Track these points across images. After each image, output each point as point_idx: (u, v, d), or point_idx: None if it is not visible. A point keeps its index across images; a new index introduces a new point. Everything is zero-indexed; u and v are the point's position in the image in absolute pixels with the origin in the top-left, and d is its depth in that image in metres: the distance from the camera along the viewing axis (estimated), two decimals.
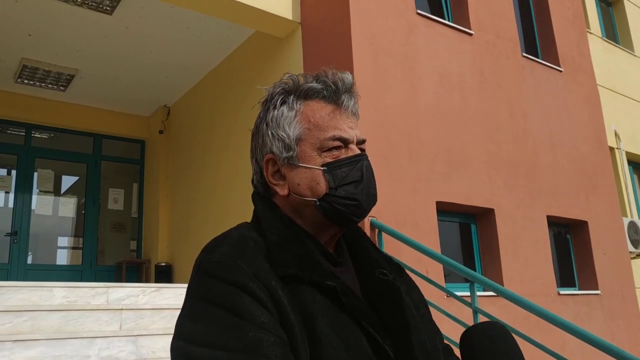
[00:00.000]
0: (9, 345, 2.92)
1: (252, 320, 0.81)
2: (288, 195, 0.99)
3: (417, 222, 4.88)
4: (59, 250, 8.14)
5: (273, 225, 0.96)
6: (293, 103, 1.00)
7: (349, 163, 0.97)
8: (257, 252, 0.90)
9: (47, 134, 7.91)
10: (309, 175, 0.97)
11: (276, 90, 1.02)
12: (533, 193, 6.03)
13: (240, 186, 5.96)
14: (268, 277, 0.86)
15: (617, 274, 6.69)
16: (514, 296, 3.31)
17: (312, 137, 0.98)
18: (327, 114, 0.99)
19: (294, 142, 0.98)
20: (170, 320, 3.72)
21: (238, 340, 0.79)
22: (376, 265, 1.03)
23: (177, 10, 5.63)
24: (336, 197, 0.96)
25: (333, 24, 5.15)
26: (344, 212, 0.96)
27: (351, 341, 0.87)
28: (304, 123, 0.98)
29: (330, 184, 0.96)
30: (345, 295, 0.90)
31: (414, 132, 5.14)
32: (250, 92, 6.06)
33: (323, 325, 0.86)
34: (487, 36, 6.20)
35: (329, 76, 1.01)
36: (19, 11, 5.63)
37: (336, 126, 0.98)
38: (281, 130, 0.99)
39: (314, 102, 1.00)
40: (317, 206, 0.97)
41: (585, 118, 7.17)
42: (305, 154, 0.98)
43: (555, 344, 3.67)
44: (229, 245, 0.90)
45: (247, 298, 0.83)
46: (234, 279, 0.84)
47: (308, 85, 1.00)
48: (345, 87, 1.00)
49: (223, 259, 0.87)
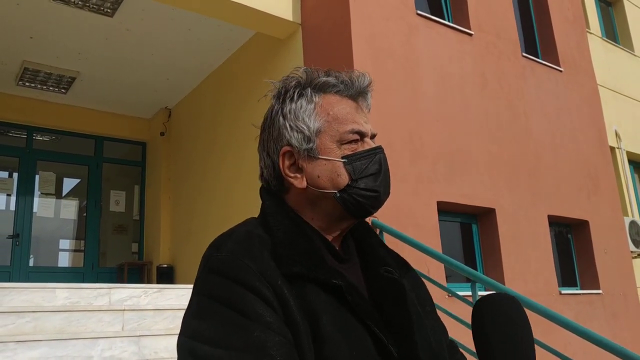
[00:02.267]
0: (12, 345, 2.93)
1: (257, 320, 0.81)
2: (305, 189, 0.99)
3: (419, 222, 4.88)
4: (60, 253, 8.15)
5: (280, 222, 0.96)
6: (311, 96, 1.00)
7: (367, 155, 0.99)
8: (263, 250, 0.90)
9: (48, 137, 7.93)
10: (330, 167, 0.98)
11: (291, 84, 1.02)
12: (534, 193, 6.04)
13: (242, 187, 5.97)
14: (274, 276, 0.86)
15: (618, 273, 6.69)
16: (516, 295, 3.31)
17: (332, 130, 0.99)
18: (346, 107, 1.01)
19: (314, 134, 0.98)
20: (173, 320, 3.72)
21: (243, 339, 0.80)
22: (382, 263, 1.03)
23: (178, 12, 5.65)
24: (357, 189, 0.97)
25: (333, 25, 5.16)
26: (363, 204, 0.97)
27: (355, 340, 0.87)
28: (324, 115, 0.99)
29: (352, 176, 0.97)
30: (351, 294, 0.91)
31: (415, 132, 5.14)
32: (251, 94, 6.07)
33: (327, 324, 0.86)
34: (487, 37, 6.21)
35: (342, 72, 1.02)
36: (20, 14, 5.65)
37: (354, 120, 1.00)
38: (301, 122, 0.99)
39: (330, 95, 1.01)
40: (337, 198, 0.97)
41: (586, 118, 7.18)
42: (325, 146, 0.98)
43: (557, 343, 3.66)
44: (236, 242, 0.90)
45: (253, 297, 0.83)
46: (240, 278, 0.84)
47: (324, 79, 1.01)
48: (363, 83, 1.02)
49: (230, 257, 0.87)
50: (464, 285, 4.99)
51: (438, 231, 5.01)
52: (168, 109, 8.24)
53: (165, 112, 8.23)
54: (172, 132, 8.12)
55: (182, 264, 7.33)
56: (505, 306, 0.96)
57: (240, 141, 6.15)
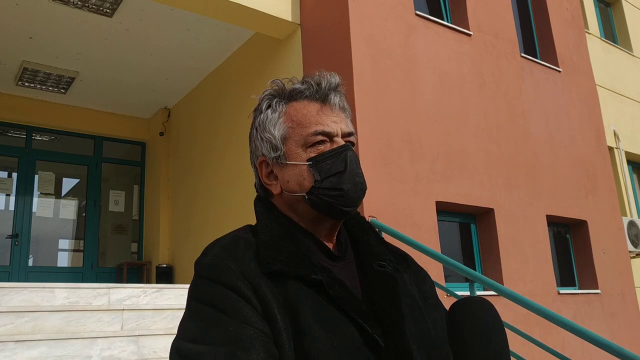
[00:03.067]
0: (11, 345, 2.94)
1: (235, 316, 0.86)
2: (281, 194, 1.04)
3: (417, 222, 4.89)
4: (60, 253, 8.15)
5: (267, 225, 1.01)
6: (276, 105, 1.05)
7: (332, 155, 1.00)
8: (246, 252, 0.95)
9: (47, 137, 7.93)
10: (297, 171, 1.01)
11: (264, 96, 1.08)
12: (533, 193, 6.05)
13: (241, 187, 5.97)
14: (253, 275, 0.91)
15: (617, 273, 6.70)
16: (515, 295, 3.31)
17: (296, 135, 1.02)
18: (310, 111, 1.03)
19: (280, 141, 1.03)
20: (172, 320, 3.73)
21: (220, 334, 0.85)
22: (376, 258, 1.05)
23: (177, 13, 5.65)
24: (322, 189, 0.99)
25: (332, 26, 5.17)
26: (331, 203, 0.99)
27: (338, 333, 0.89)
28: (288, 122, 1.03)
29: (316, 177, 0.99)
30: (332, 287, 0.93)
31: (413, 132, 5.15)
32: (250, 94, 6.07)
33: (308, 317, 0.89)
34: (486, 37, 6.22)
35: (314, 77, 1.05)
36: (19, 14, 5.65)
37: (318, 122, 1.02)
38: (267, 132, 1.04)
39: (298, 102, 1.04)
40: (305, 200, 1.00)
41: (585, 118, 7.19)
42: (292, 151, 1.02)
43: (555, 343, 3.68)
44: (221, 247, 0.97)
45: (233, 295, 0.88)
46: (221, 279, 0.90)
47: (292, 87, 1.05)
48: (330, 85, 1.04)
49: (213, 261, 0.93)
50: (463, 285, 5.00)
51: (437, 231, 5.01)
52: (167, 109, 8.24)
53: (164, 112, 8.24)
54: (172, 132, 8.13)
55: (181, 264, 7.34)
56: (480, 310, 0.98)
57: (239, 141, 6.15)
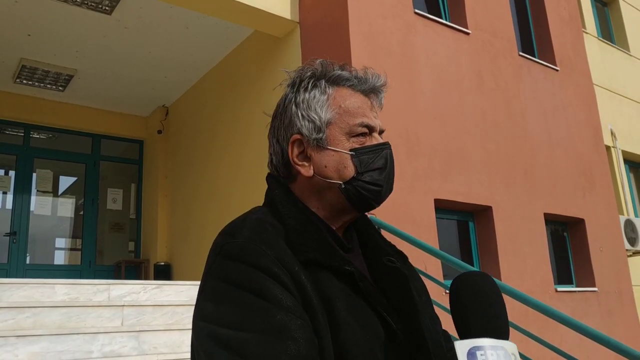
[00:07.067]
0: (13, 340, 2.95)
1: (278, 304, 0.82)
2: (312, 177, 1.01)
3: (416, 219, 4.91)
4: (57, 251, 8.14)
5: (290, 210, 0.98)
6: (325, 87, 1.03)
7: (374, 150, 1.01)
8: (277, 237, 0.91)
9: (45, 134, 7.92)
10: (337, 158, 1.00)
11: (306, 74, 1.05)
12: (531, 191, 6.07)
13: (240, 185, 5.98)
14: (291, 262, 0.88)
15: (614, 271, 6.74)
16: (512, 290, 3.33)
17: (342, 122, 1.01)
18: (357, 101, 1.03)
19: (324, 124, 1.01)
20: (172, 316, 3.74)
21: (265, 321, 0.80)
22: (384, 253, 1.06)
23: (176, 10, 5.65)
24: (362, 182, 0.99)
25: (331, 24, 5.18)
26: (366, 197, 1.00)
27: (367, 325, 0.90)
28: (335, 107, 1.02)
29: (358, 169, 0.99)
30: (362, 280, 0.94)
31: (412, 130, 5.17)
32: (249, 91, 6.08)
33: (342, 309, 0.88)
34: (484, 36, 6.24)
35: (359, 70, 1.06)
36: (18, 11, 5.64)
37: (364, 114, 1.03)
38: (312, 112, 1.01)
39: (343, 89, 1.04)
40: (342, 189, 0.99)
41: (582, 117, 7.22)
42: (334, 137, 1.01)
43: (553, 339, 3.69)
44: (250, 229, 0.91)
45: (272, 282, 0.84)
46: (259, 263, 0.85)
47: (338, 72, 1.04)
48: (378, 81, 1.06)
49: (246, 243, 0.88)
50: None
51: (435, 228, 5.04)
52: (165, 107, 8.24)
53: (162, 110, 8.24)
54: (170, 130, 8.12)
55: (179, 262, 7.34)
56: (480, 280, 0.99)
57: (238, 139, 6.16)
